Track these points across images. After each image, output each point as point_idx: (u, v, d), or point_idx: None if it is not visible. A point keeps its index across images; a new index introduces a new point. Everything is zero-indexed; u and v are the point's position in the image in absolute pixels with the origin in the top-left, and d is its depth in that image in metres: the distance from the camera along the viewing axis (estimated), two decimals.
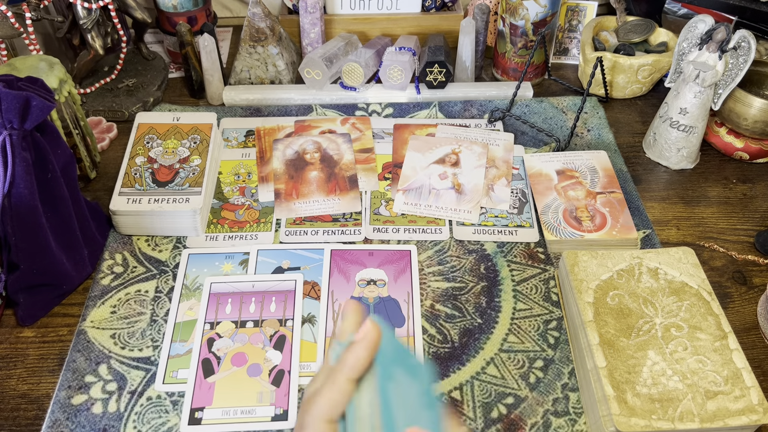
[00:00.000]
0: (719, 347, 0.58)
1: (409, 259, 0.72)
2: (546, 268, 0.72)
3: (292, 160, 0.83)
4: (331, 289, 0.69)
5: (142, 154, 0.77)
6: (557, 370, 0.63)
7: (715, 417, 0.53)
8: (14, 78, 0.62)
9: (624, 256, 0.66)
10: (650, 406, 0.54)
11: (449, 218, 0.77)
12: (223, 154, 0.85)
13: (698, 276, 0.65)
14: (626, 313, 0.61)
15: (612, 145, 0.88)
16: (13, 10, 0.82)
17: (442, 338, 0.65)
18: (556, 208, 0.77)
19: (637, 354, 0.58)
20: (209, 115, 0.83)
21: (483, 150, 0.85)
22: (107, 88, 0.95)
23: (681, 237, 0.77)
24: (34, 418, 0.59)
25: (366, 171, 0.83)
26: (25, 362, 0.63)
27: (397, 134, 0.89)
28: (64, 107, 0.74)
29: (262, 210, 0.78)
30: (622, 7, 1.00)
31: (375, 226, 0.76)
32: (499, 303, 0.68)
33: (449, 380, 0.62)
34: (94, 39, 0.89)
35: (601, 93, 0.97)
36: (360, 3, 1.00)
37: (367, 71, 0.92)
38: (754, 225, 0.78)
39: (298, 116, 0.92)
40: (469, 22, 0.92)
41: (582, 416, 0.59)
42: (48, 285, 0.67)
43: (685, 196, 0.82)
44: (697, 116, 0.81)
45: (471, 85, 0.96)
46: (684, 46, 0.82)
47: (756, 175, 0.85)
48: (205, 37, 0.89)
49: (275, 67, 0.95)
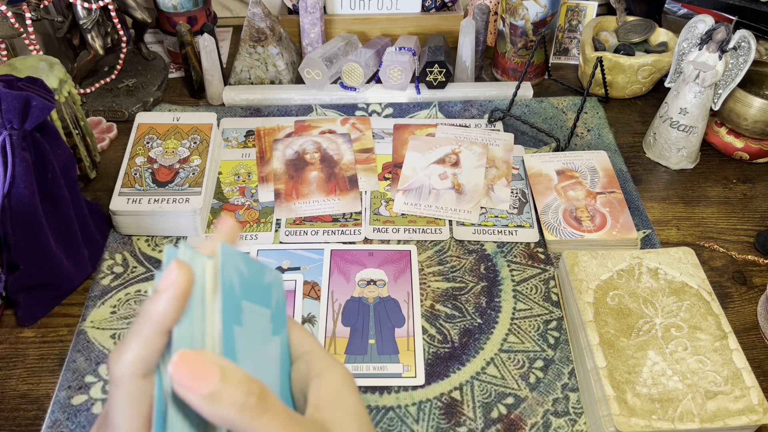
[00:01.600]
0: (719, 347, 0.58)
1: (409, 259, 0.72)
2: (546, 268, 0.72)
3: (292, 160, 0.83)
4: (331, 290, 0.69)
5: (142, 154, 0.77)
6: (557, 370, 0.63)
7: (715, 417, 0.53)
8: (14, 78, 0.62)
9: (624, 256, 0.66)
10: (650, 406, 0.54)
11: (449, 218, 0.77)
12: (223, 154, 0.85)
13: (698, 276, 0.65)
14: (626, 313, 0.61)
15: (612, 145, 0.88)
16: (13, 10, 0.82)
17: (442, 338, 0.65)
18: (556, 208, 0.77)
19: (637, 354, 0.58)
20: (209, 115, 0.83)
21: (483, 150, 0.85)
22: (107, 88, 0.95)
23: (681, 237, 0.77)
24: (34, 418, 0.59)
25: (366, 171, 0.83)
26: (25, 362, 0.63)
27: (397, 134, 0.89)
28: (64, 107, 0.74)
29: (262, 210, 0.78)
30: (622, 7, 1.00)
31: (375, 226, 0.76)
32: (499, 303, 0.68)
33: (449, 380, 0.62)
34: (94, 39, 0.89)
35: (601, 93, 0.97)
36: (360, 3, 1.00)
37: (367, 71, 0.92)
38: (754, 225, 0.78)
39: (298, 116, 0.92)
40: (469, 22, 0.92)
41: (582, 416, 0.59)
42: (48, 285, 0.67)
43: (685, 196, 0.82)
44: (697, 116, 0.81)
45: (471, 85, 0.96)
46: (684, 46, 0.82)
47: (756, 175, 0.85)
48: (205, 37, 0.89)
49: (275, 67, 0.95)
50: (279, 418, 0.26)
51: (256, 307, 0.31)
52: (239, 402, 0.25)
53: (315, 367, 0.32)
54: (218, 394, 0.25)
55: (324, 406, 0.30)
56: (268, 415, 0.26)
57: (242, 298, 0.30)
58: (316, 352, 0.33)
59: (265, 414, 0.26)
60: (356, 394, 0.32)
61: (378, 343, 0.64)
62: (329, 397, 0.31)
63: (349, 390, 0.31)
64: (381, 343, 0.64)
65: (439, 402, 0.60)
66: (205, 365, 0.26)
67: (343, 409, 0.30)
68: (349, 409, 0.31)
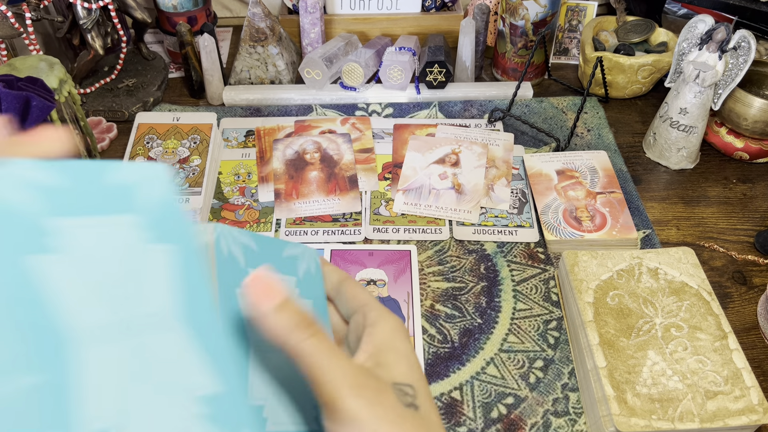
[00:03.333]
0: (719, 347, 0.58)
1: (409, 259, 0.72)
2: (546, 268, 0.72)
3: (292, 160, 0.83)
4: None
5: (142, 155, 0.77)
6: (557, 370, 0.63)
7: (715, 417, 0.53)
8: (14, 78, 0.62)
9: (624, 256, 0.66)
10: (650, 406, 0.54)
11: (449, 218, 0.77)
12: (223, 154, 0.85)
13: (698, 276, 0.65)
14: (626, 313, 0.61)
15: (612, 145, 0.88)
16: (13, 10, 0.82)
17: (442, 338, 0.65)
18: (556, 208, 0.77)
19: (637, 354, 0.58)
20: (209, 115, 0.83)
21: (483, 150, 0.85)
22: (107, 88, 0.95)
23: (681, 237, 0.77)
24: None
25: (366, 171, 0.83)
26: None
27: (397, 134, 0.89)
28: (64, 107, 0.74)
29: (262, 210, 0.78)
30: (622, 7, 1.00)
31: (375, 226, 0.76)
32: (499, 303, 0.68)
33: (449, 380, 0.62)
34: (94, 39, 0.89)
35: (601, 93, 0.97)
36: (360, 3, 1.00)
37: (367, 71, 0.92)
38: (754, 225, 0.78)
39: (298, 116, 0.92)
40: (469, 22, 0.92)
41: (582, 416, 0.59)
42: None
43: (685, 196, 0.82)
44: (697, 116, 0.81)
45: (471, 85, 0.96)
46: (684, 46, 0.82)
47: (756, 175, 0.85)
48: (205, 37, 0.89)
49: (275, 67, 0.95)
50: (325, 344, 0.29)
51: (279, 276, 0.32)
52: (295, 320, 0.28)
53: (370, 317, 0.34)
54: (282, 309, 0.28)
55: (375, 350, 0.32)
56: (317, 338, 0.29)
57: (248, 266, 0.31)
58: (371, 305, 0.34)
59: (314, 336, 0.29)
60: (407, 341, 0.33)
61: None
62: (381, 342, 0.32)
63: (401, 337, 0.33)
64: None
65: (439, 402, 0.60)
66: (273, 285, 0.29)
67: (393, 353, 0.32)
68: (399, 352, 0.32)
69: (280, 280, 0.30)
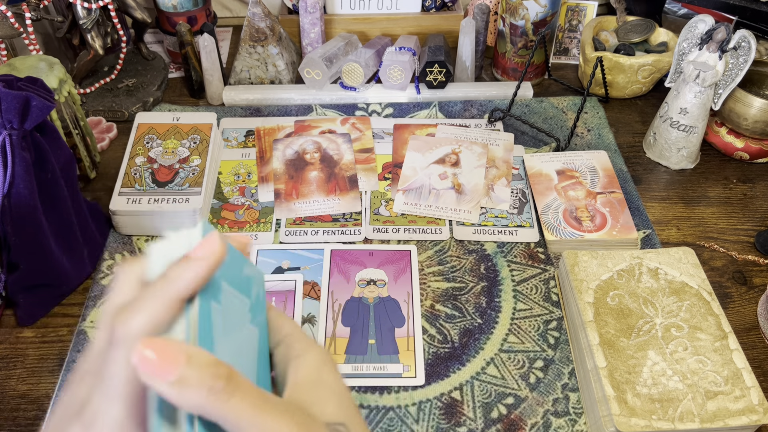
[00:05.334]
0: (719, 347, 0.58)
1: (409, 259, 0.72)
2: (546, 268, 0.72)
3: (292, 160, 0.83)
4: (331, 290, 0.69)
5: (142, 154, 0.77)
6: (557, 371, 0.63)
7: (715, 417, 0.53)
8: (14, 78, 0.62)
9: (624, 256, 0.66)
10: (650, 406, 0.54)
11: (449, 218, 0.77)
12: (223, 154, 0.85)
13: (698, 276, 0.65)
14: (626, 313, 0.61)
15: (612, 145, 0.88)
16: (13, 10, 0.82)
17: (442, 338, 0.65)
18: (556, 208, 0.77)
19: (637, 354, 0.58)
20: (209, 115, 0.82)
21: (483, 150, 0.85)
22: (107, 88, 0.95)
23: (681, 237, 0.76)
24: (34, 418, 0.59)
25: (366, 171, 0.83)
26: (25, 362, 0.63)
27: (397, 134, 0.89)
28: (64, 107, 0.74)
29: (262, 210, 0.78)
30: (622, 7, 1.00)
31: (375, 226, 0.76)
32: (499, 303, 0.68)
33: (449, 380, 0.62)
34: (94, 39, 0.89)
35: (601, 93, 0.97)
36: (360, 3, 1.00)
37: (367, 71, 0.92)
38: (754, 225, 0.78)
39: (298, 116, 0.92)
40: (469, 22, 0.92)
41: (582, 416, 0.59)
42: (48, 285, 0.67)
43: (685, 196, 0.82)
44: (697, 116, 0.81)
45: (471, 85, 0.95)
46: (684, 46, 0.82)
47: (756, 175, 0.85)
48: (205, 37, 0.89)
49: (275, 67, 0.95)
50: (249, 399, 0.25)
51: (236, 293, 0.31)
52: (207, 386, 0.24)
53: (295, 348, 0.32)
54: (185, 379, 0.24)
55: (302, 386, 0.30)
56: (238, 396, 0.25)
57: (222, 278, 0.30)
58: (295, 335, 0.33)
59: (234, 396, 0.25)
60: (336, 373, 0.31)
61: (378, 343, 0.64)
62: (308, 376, 0.30)
63: (328, 369, 0.31)
64: (381, 343, 0.64)
65: (439, 402, 0.60)
66: (170, 351, 0.24)
67: (321, 388, 0.30)
68: (327, 387, 0.30)
69: (171, 338, 0.26)
